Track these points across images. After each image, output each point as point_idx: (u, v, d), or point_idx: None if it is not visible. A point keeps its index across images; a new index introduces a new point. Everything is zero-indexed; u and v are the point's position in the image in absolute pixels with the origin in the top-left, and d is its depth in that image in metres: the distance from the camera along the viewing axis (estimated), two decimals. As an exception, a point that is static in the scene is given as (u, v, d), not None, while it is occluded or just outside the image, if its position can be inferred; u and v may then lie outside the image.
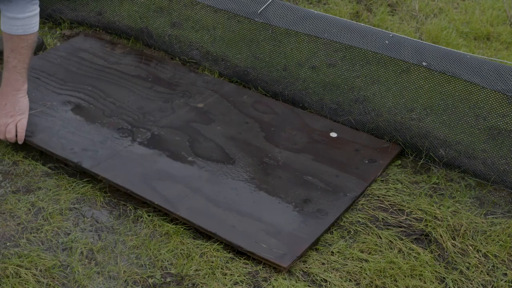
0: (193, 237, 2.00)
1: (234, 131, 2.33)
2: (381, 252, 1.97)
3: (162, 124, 2.34)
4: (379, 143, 2.33)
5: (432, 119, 2.28)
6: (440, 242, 2.01)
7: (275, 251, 1.91)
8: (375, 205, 2.14)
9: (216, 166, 2.18)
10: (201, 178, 2.13)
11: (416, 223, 2.07)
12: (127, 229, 2.01)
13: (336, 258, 1.94)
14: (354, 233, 2.04)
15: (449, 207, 2.13)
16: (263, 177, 2.14)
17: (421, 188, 2.21)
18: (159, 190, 2.08)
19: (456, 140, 2.25)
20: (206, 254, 1.94)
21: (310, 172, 2.17)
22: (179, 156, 2.21)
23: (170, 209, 2.02)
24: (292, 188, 2.11)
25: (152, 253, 1.93)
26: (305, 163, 2.21)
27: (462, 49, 2.89)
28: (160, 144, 2.26)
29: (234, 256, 1.94)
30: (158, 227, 2.02)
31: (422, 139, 2.30)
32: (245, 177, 2.14)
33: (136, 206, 2.10)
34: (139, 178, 2.12)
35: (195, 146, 2.25)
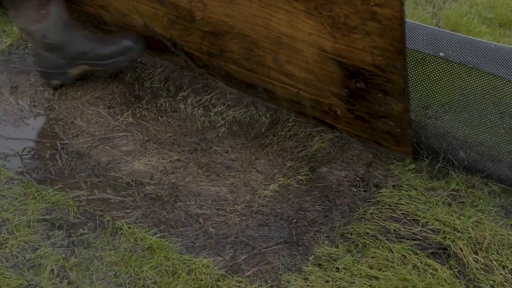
0: (179, 252, 2.00)
1: None
2: (393, 269, 1.97)
3: None
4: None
5: (450, 117, 2.28)
6: (461, 257, 2.01)
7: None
8: (386, 214, 2.14)
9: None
10: None
11: (433, 235, 2.07)
12: (104, 243, 2.01)
13: (342, 275, 1.95)
14: (362, 247, 2.04)
15: (470, 217, 2.13)
16: None
17: (438, 196, 2.21)
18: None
19: (479, 141, 2.26)
20: (194, 271, 1.94)
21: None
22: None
23: None
24: None
25: (133, 271, 1.93)
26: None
27: (485, 37, 2.90)
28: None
29: (226, 273, 1.94)
30: (139, 241, 2.02)
31: (439, 139, 2.30)
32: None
33: (115, 217, 2.10)
34: None
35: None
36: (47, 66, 2.55)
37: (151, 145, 2.41)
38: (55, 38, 2.46)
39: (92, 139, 2.42)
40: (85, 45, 2.52)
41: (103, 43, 2.55)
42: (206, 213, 2.16)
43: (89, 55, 2.53)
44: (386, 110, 2.18)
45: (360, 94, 2.20)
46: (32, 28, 2.42)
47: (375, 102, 2.18)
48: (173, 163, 2.34)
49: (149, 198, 2.20)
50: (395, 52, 1.97)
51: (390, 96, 2.12)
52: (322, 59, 2.17)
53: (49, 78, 2.58)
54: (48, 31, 2.44)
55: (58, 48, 2.49)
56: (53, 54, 2.50)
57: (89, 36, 2.57)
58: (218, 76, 2.63)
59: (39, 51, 2.51)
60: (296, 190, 2.25)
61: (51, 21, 2.42)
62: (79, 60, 2.54)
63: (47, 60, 2.53)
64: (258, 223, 2.13)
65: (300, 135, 2.46)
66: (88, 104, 2.56)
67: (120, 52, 2.55)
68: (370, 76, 2.10)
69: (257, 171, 2.33)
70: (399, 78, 2.04)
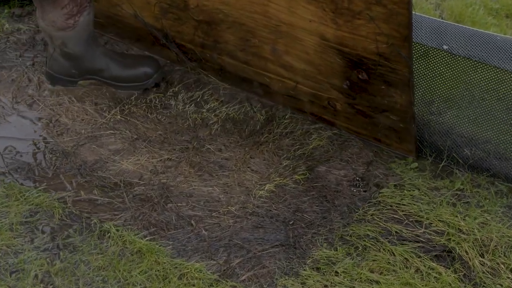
0: (170, 256, 2.00)
1: None
2: (394, 272, 1.97)
3: None
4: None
5: (455, 113, 2.28)
6: (466, 260, 2.01)
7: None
8: (388, 215, 2.14)
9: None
10: None
11: (437, 237, 2.08)
12: (91, 247, 2.01)
13: (341, 279, 1.95)
14: (362, 250, 2.04)
15: (476, 218, 2.13)
16: None
17: (442, 196, 2.21)
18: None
19: (484, 138, 2.26)
20: (186, 275, 1.94)
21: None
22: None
23: None
24: None
25: (122, 275, 1.93)
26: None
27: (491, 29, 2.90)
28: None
29: (219, 278, 1.94)
30: (128, 244, 2.02)
31: (443, 137, 2.30)
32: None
33: (102, 219, 2.10)
34: None
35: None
36: (58, 71, 2.55)
37: (140, 143, 2.40)
38: (75, 49, 2.48)
39: (78, 137, 2.41)
40: (103, 63, 2.54)
41: (122, 65, 2.56)
42: (199, 215, 2.16)
43: (105, 73, 2.55)
44: (389, 103, 2.18)
45: (362, 86, 2.20)
46: (55, 33, 2.44)
47: (377, 94, 2.18)
48: (164, 163, 2.34)
49: (138, 199, 2.20)
50: (400, 39, 1.97)
51: (394, 88, 2.12)
52: (323, 49, 2.16)
53: (55, 83, 2.58)
54: (70, 41, 2.46)
55: (75, 58, 2.51)
56: (67, 62, 2.52)
57: (109, 53, 2.58)
58: (211, 70, 2.63)
59: (55, 55, 2.52)
60: (293, 190, 2.25)
61: (76, 32, 2.44)
62: (92, 75, 2.56)
63: (59, 65, 2.54)
64: (253, 225, 2.13)
65: (297, 132, 2.46)
66: (74, 100, 2.56)
67: (137, 78, 2.56)
68: (373, 66, 2.10)
69: (252, 171, 2.32)
70: (404, 67, 2.04)
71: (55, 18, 2.40)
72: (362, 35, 2.04)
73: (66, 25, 2.42)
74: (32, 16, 2.82)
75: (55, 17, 2.40)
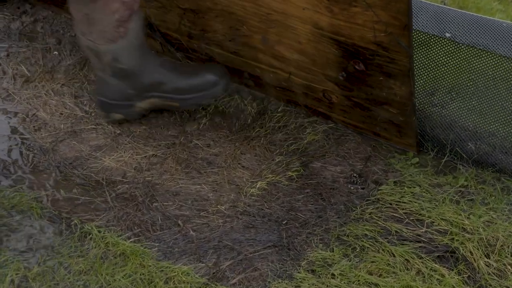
0: (156, 258, 2.00)
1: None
2: (394, 274, 1.97)
3: None
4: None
5: (458, 105, 2.28)
6: (470, 261, 2.01)
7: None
8: (387, 214, 2.14)
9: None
10: None
11: (440, 236, 2.08)
12: (71, 250, 2.01)
13: (338, 282, 1.95)
14: (360, 250, 2.04)
15: (481, 216, 2.13)
16: None
17: (445, 193, 2.21)
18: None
19: (490, 131, 2.26)
20: (172, 279, 1.94)
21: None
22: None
23: None
24: None
25: (104, 280, 1.93)
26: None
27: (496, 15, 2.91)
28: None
29: (208, 281, 1.94)
30: (111, 246, 2.02)
31: (445, 130, 2.31)
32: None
33: (83, 219, 2.09)
34: None
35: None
36: (111, 96, 2.40)
37: (123, 139, 2.40)
38: (129, 62, 2.32)
39: (56, 132, 2.41)
40: (162, 75, 2.38)
41: (183, 74, 2.40)
42: (186, 215, 2.15)
43: (166, 86, 2.39)
44: (388, 95, 2.18)
45: (359, 78, 2.20)
46: (104, 47, 2.28)
47: (375, 86, 2.18)
48: (149, 159, 2.34)
49: (122, 198, 2.20)
50: (399, 27, 1.96)
51: (393, 79, 2.12)
52: (317, 38, 2.16)
53: (109, 111, 2.44)
54: (122, 53, 2.30)
55: (129, 75, 2.35)
56: (121, 82, 2.36)
57: (166, 64, 2.42)
58: (199, 61, 2.62)
59: (105, 77, 2.36)
60: (286, 188, 2.25)
61: (128, 41, 2.28)
62: (151, 92, 2.40)
63: (112, 89, 2.38)
64: (244, 225, 2.13)
65: (290, 126, 2.46)
66: (52, 93, 2.55)
67: (202, 87, 2.41)
68: (371, 56, 2.10)
69: (243, 167, 2.32)
70: (404, 57, 2.03)
71: (106, 27, 2.23)
72: (359, 23, 2.03)
73: (117, 35, 2.25)
74: (7, 3, 2.80)
75: (106, 26, 2.23)
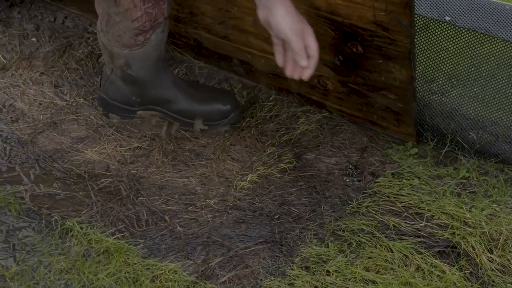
0: (141, 256, 1.99)
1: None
2: (393, 271, 1.97)
3: None
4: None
5: (459, 92, 2.28)
6: (473, 256, 2.02)
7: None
8: (385, 207, 2.14)
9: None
10: None
11: (440, 231, 2.08)
12: (52, 247, 2.00)
13: (333, 280, 1.95)
14: (356, 246, 2.04)
15: (483, 209, 2.14)
16: None
17: (445, 185, 2.22)
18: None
19: (492, 120, 2.26)
20: (159, 277, 1.93)
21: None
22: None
23: None
24: None
25: (87, 279, 1.93)
26: None
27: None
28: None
29: (197, 279, 1.94)
30: (94, 243, 2.01)
31: (446, 119, 2.31)
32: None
33: (64, 215, 2.09)
34: None
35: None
36: (114, 97, 2.41)
37: (106, 130, 2.40)
38: (140, 72, 2.32)
39: (35, 124, 2.40)
40: (171, 93, 2.38)
41: (193, 97, 2.40)
42: (173, 209, 2.15)
43: (172, 106, 2.40)
44: (387, 80, 2.18)
45: (356, 62, 2.20)
46: (119, 50, 2.28)
47: (374, 70, 2.18)
48: (133, 151, 2.33)
49: (105, 192, 2.19)
50: (401, 5, 1.96)
51: (393, 62, 2.11)
52: (313, 19, 2.15)
53: (109, 110, 2.44)
54: (136, 62, 2.30)
55: (138, 84, 2.35)
56: (128, 87, 2.37)
57: (180, 83, 2.41)
58: (186, 47, 2.62)
59: (113, 77, 2.37)
60: (279, 181, 2.25)
61: (144, 51, 2.28)
62: (156, 106, 2.41)
63: (117, 90, 2.39)
64: (234, 220, 2.13)
65: (283, 116, 2.46)
66: (31, 82, 2.55)
67: (210, 115, 2.41)
68: (370, 38, 2.09)
69: (232, 159, 2.32)
70: (405, 37, 2.03)
71: (122, 32, 2.23)
72: (357, 2, 2.03)
73: (134, 42, 2.25)
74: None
75: (123, 31, 2.23)
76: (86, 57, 2.67)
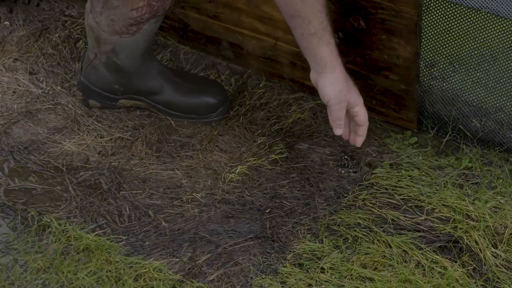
0: (124, 253, 2.00)
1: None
2: (391, 267, 1.98)
3: None
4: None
5: (461, 77, 2.28)
6: (476, 252, 2.02)
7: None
8: (382, 200, 2.15)
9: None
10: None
11: (441, 225, 2.08)
12: (28, 245, 2.01)
13: (328, 277, 1.95)
14: (353, 241, 2.04)
15: (487, 201, 2.14)
16: None
17: (447, 176, 2.22)
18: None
19: (497, 106, 2.26)
20: (143, 276, 1.94)
21: None
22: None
23: None
24: None
25: (66, 278, 1.93)
26: None
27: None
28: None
29: (183, 278, 1.94)
30: (73, 240, 2.01)
31: (447, 105, 2.31)
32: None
33: (42, 211, 2.09)
34: None
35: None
36: (95, 83, 2.40)
37: (85, 120, 2.39)
38: (126, 61, 2.32)
39: (9, 113, 2.40)
40: (156, 83, 2.38)
41: (180, 89, 2.41)
42: (157, 204, 2.15)
43: (158, 97, 2.41)
44: (390, 57, 2.17)
45: (357, 38, 2.19)
46: (107, 36, 2.27)
47: (376, 47, 2.17)
48: (114, 142, 2.33)
49: (85, 186, 2.19)
50: None
51: (397, 37, 2.11)
52: None
53: (89, 97, 2.43)
54: (123, 50, 2.29)
55: (122, 73, 2.35)
56: (111, 75, 2.37)
57: (166, 73, 2.41)
58: (171, 30, 2.61)
59: (96, 62, 2.36)
60: (270, 173, 2.25)
61: (133, 40, 2.27)
62: (139, 96, 2.42)
63: (99, 76, 2.38)
64: (222, 215, 2.13)
65: (273, 103, 2.46)
66: (4, 69, 2.54)
67: (196, 109, 2.42)
68: (373, 10, 2.08)
69: (220, 150, 2.32)
70: (411, 9, 2.02)
71: (117, 18, 2.21)
72: None
73: (125, 31, 2.25)
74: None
75: (117, 17, 2.21)
76: (63, 41, 2.66)
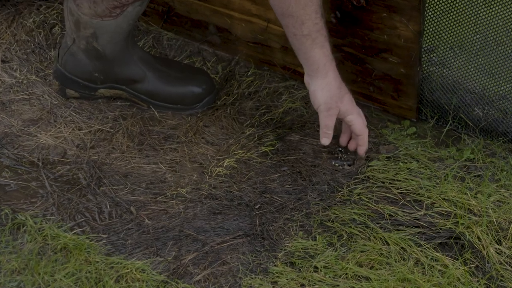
0: (105, 253, 1.99)
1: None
2: (389, 266, 1.98)
3: None
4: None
5: (462, 63, 2.29)
6: (478, 248, 2.03)
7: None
8: (379, 194, 2.15)
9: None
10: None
11: (442, 220, 2.09)
12: (2, 245, 2.00)
13: (321, 277, 1.95)
14: (347, 238, 2.05)
15: (490, 195, 2.15)
16: None
17: (447, 168, 2.22)
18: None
19: (500, 94, 2.27)
20: (125, 277, 1.94)
21: None
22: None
23: None
24: None
25: (42, 280, 1.92)
26: None
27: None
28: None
29: (168, 279, 1.94)
30: (50, 239, 2.01)
31: (447, 93, 2.31)
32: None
33: (16, 208, 2.09)
34: None
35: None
36: (73, 71, 2.39)
37: (62, 111, 2.39)
38: (107, 47, 2.31)
39: (-19, 104, 2.40)
40: (139, 71, 2.38)
41: (164, 78, 2.40)
42: (140, 200, 2.15)
43: (139, 86, 2.40)
44: (390, 38, 2.17)
45: (355, 18, 2.18)
46: (87, 19, 2.26)
47: (375, 27, 2.17)
48: (94, 135, 2.33)
49: (62, 182, 2.20)
50: None
51: (399, 15, 2.10)
52: None
53: (66, 86, 2.43)
54: (105, 34, 2.28)
55: (103, 59, 2.34)
56: (90, 62, 2.36)
57: (149, 61, 2.41)
58: (154, 15, 2.61)
59: (74, 48, 2.35)
60: (259, 166, 2.26)
61: (116, 24, 2.26)
62: (121, 85, 2.41)
63: (78, 63, 2.37)
64: (209, 211, 2.13)
65: (263, 92, 2.46)
66: (-25, 57, 2.54)
67: (181, 99, 2.42)
68: None
69: (207, 142, 2.32)
70: None
71: (102, 1, 2.21)
72: None
73: (108, 13, 2.24)
74: None
75: (103, 0, 2.21)
76: (38, 27, 2.66)
